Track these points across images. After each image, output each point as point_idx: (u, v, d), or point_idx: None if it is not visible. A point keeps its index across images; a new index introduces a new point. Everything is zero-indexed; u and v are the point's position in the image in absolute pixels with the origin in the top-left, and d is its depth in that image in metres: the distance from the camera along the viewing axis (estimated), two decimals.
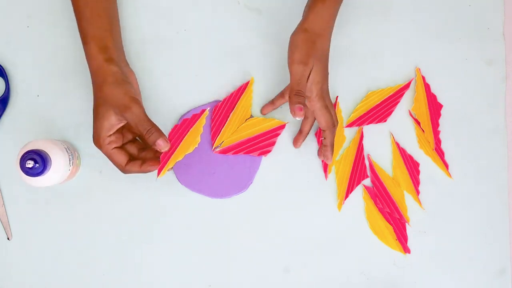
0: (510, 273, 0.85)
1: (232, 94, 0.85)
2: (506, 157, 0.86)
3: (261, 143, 0.85)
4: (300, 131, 0.84)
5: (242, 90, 0.85)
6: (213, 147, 0.85)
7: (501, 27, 0.87)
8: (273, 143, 0.85)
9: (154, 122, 0.76)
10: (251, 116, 0.86)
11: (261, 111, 0.86)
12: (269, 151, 0.85)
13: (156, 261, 0.84)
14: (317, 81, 0.77)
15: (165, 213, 0.84)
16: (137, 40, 0.85)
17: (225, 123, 0.85)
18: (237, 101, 0.85)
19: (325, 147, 0.81)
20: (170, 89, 0.85)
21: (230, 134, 0.85)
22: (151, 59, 0.86)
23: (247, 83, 0.85)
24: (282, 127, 0.85)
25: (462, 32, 0.87)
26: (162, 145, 0.75)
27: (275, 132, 0.85)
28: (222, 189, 0.84)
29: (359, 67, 0.86)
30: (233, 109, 0.85)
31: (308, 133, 0.84)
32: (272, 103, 0.85)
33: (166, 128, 0.81)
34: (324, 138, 0.80)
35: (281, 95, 0.84)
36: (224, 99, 0.85)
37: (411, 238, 0.85)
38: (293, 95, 0.75)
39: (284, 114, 0.86)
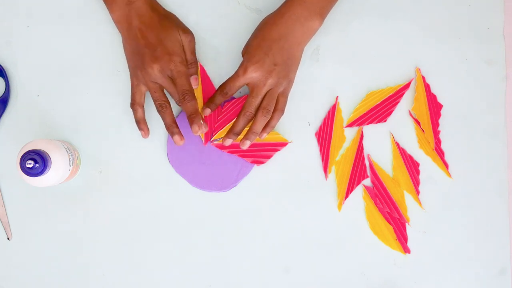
0: (510, 273, 0.85)
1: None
2: (506, 157, 0.86)
3: (258, 152, 0.84)
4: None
5: None
6: (212, 139, 0.84)
7: (501, 27, 0.87)
8: (269, 157, 0.84)
9: (154, 122, 0.76)
10: None
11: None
12: (262, 162, 0.84)
13: (156, 261, 0.84)
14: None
15: (165, 213, 0.84)
16: None
17: (231, 120, 0.84)
18: None
19: (253, 134, 0.81)
20: None
21: None
22: None
23: None
24: (283, 144, 0.85)
25: (462, 32, 0.87)
26: (195, 82, 0.83)
27: (275, 147, 0.84)
28: (205, 182, 0.84)
29: (359, 67, 0.86)
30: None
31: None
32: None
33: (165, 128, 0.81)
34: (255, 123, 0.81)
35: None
36: (239, 98, 0.85)
37: (411, 238, 0.85)
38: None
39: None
